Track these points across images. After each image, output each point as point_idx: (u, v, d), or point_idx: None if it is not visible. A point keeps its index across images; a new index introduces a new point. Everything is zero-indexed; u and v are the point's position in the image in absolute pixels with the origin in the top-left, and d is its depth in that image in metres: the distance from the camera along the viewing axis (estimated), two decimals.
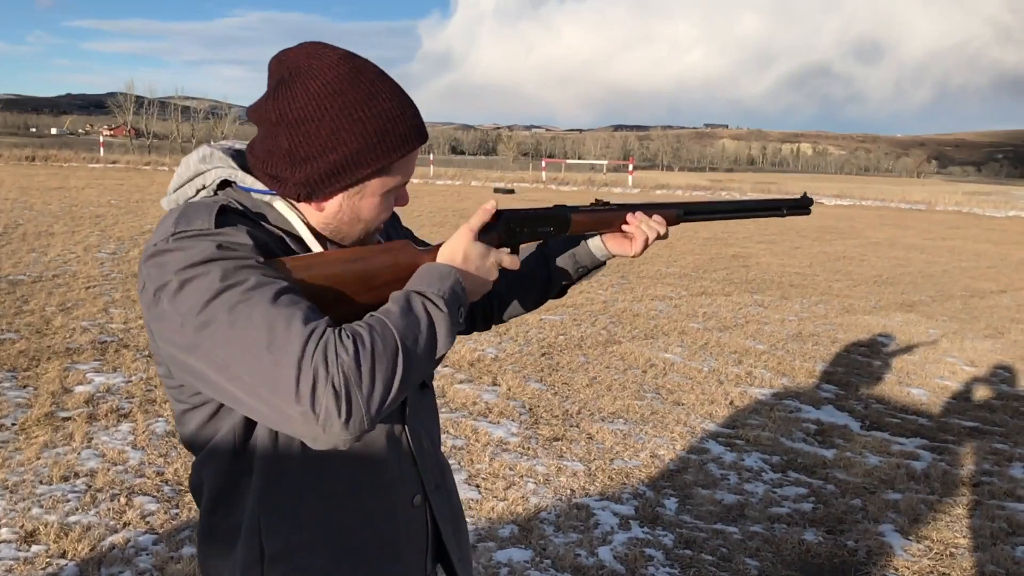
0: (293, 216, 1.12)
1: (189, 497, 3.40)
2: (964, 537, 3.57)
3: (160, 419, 4.23)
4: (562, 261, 1.46)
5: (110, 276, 7.88)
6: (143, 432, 4.05)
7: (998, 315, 8.95)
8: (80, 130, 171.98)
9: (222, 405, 1.07)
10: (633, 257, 1.41)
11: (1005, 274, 12.51)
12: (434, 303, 1.05)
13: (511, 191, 26.27)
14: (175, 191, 1.15)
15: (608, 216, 1.39)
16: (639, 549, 3.26)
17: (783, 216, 1.61)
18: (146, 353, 5.33)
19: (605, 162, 47.57)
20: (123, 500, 3.34)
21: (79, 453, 3.77)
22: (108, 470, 3.60)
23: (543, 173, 35.82)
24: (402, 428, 1.22)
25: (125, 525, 3.15)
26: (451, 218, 15.13)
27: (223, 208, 1.05)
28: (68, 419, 4.16)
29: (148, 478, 3.56)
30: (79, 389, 4.59)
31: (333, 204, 1.12)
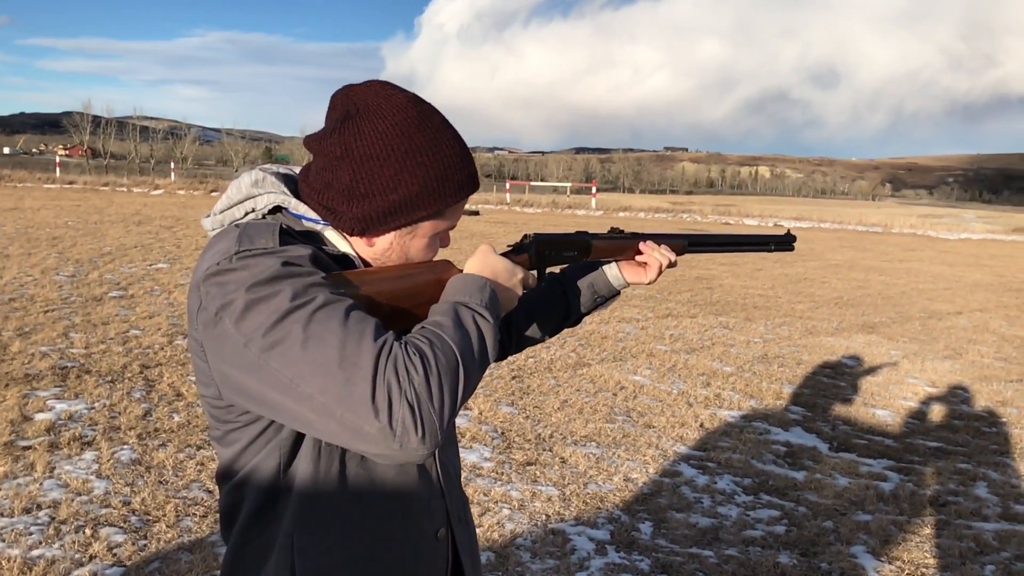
0: (343, 243, 1.14)
1: (157, 527, 3.32)
2: (934, 557, 3.62)
3: (125, 447, 4.13)
4: (579, 290, 1.50)
5: (69, 299, 7.71)
6: (108, 460, 3.95)
7: (955, 336, 9.15)
8: (35, 149, 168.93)
9: (270, 425, 1.08)
10: (648, 284, 1.47)
11: (961, 295, 12.80)
12: (480, 314, 1.07)
13: (476, 213, 26.29)
14: (221, 212, 1.15)
15: (622, 244, 1.45)
16: (616, 575, 3.25)
17: (771, 251, 1.66)
18: (109, 379, 5.22)
19: (569, 184, 47.92)
20: (88, 532, 3.25)
21: (41, 484, 3.66)
22: (72, 501, 3.50)
23: (507, 195, 35.93)
24: (434, 460, 1.23)
25: (91, 558, 3.07)
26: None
27: (282, 229, 1.06)
28: (28, 448, 4.05)
29: (114, 508, 3.47)
30: (39, 417, 4.47)
31: (384, 241, 1.15)
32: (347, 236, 1.15)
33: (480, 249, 1.22)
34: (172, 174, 39.06)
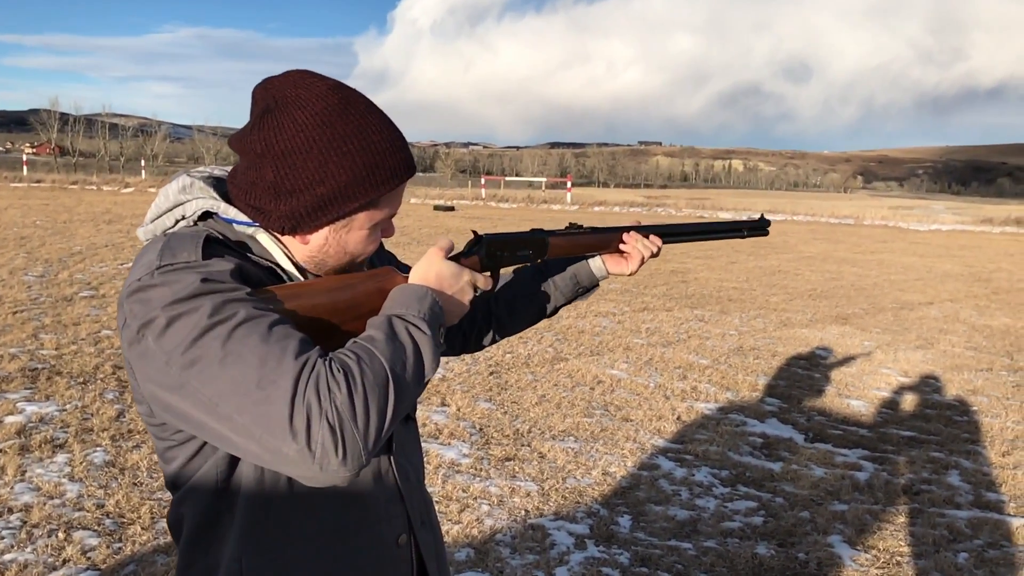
0: (276, 249, 1.09)
1: (132, 530, 3.28)
2: (908, 545, 3.66)
3: (98, 449, 4.07)
4: (562, 281, 1.48)
5: (39, 300, 7.59)
6: (80, 463, 3.89)
7: (927, 326, 9.26)
8: (1, 148, 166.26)
9: (205, 443, 1.04)
10: (629, 275, 1.46)
11: (932, 286, 12.97)
12: (416, 326, 1.02)
13: (451, 208, 26.24)
14: (152, 221, 1.11)
15: (585, 240, 1.42)
16: (596, 568, 3.26)
17: (744, 237, 1.65)
18: (80, 380, 5.14)
19: (544, 179, 47.94)
20: (61, 535, 3.20)
21: (12, 487, 3.60)
22: (44, 504, 3.45)
23: (482, 190, 35.89)
24: (389, 464, 1.19)
25: (64, 562, 3.02)
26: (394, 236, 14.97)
27: (208, 238, 1.02)
28: None
29: (88, 511, 3.42)
30: (9, 420, 4.39)
31: (319, 237, 1.10)
32: (279, 236, 1.10)
33: (428, 253, 1.17)
34: (143, 172, 38.66)
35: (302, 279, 1.11)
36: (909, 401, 6.06)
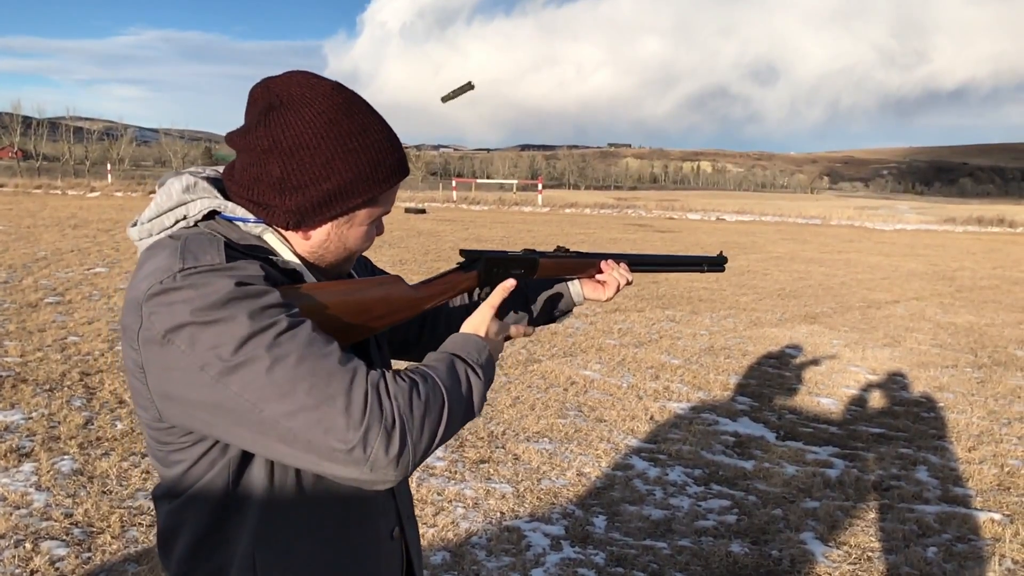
0: (286, 251, 1.10)
1: (102, 539, 3.23)
2: (879, 541, 3.71)
3: (66, 457, 4.01)
4: (541, 300, 1.57)
5: (2, 306, 7.46)
6: (47, 472, 3.82)
7: (894, 324, 9.40)
8: None
9: (214, 444, 1.04)
10: (605, 301, 1.56)
11: (897, 285, 13.16)
12: (474, 370, 1.10)
13: (422, 211, 26.17)
14: (150, 220, 1.09)
15: (569, 263, 1.52)
16: (572, 569, 3.27)
17: (703, 272, 1.76)
18: (47, 387, 5.05)
19: (515, 181, 47.95)
20: (29, 546, 3.14)
21: None
22: (10, 515, 3.39)
23: (454, 192, 35.84)
24: None
25: (33, 573, 2.97)
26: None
27: (226, 244, 1.02)
28: None
29: (56, 521, 3.36)
30: None
31: (321, 232, 1.11)
32: (282, 232, 1.11)
33: (482, 307, 1.24)
34: (109, 176, 38.09)
35: (315, 280, 1.13)
36: (877, 398, 6.14)
